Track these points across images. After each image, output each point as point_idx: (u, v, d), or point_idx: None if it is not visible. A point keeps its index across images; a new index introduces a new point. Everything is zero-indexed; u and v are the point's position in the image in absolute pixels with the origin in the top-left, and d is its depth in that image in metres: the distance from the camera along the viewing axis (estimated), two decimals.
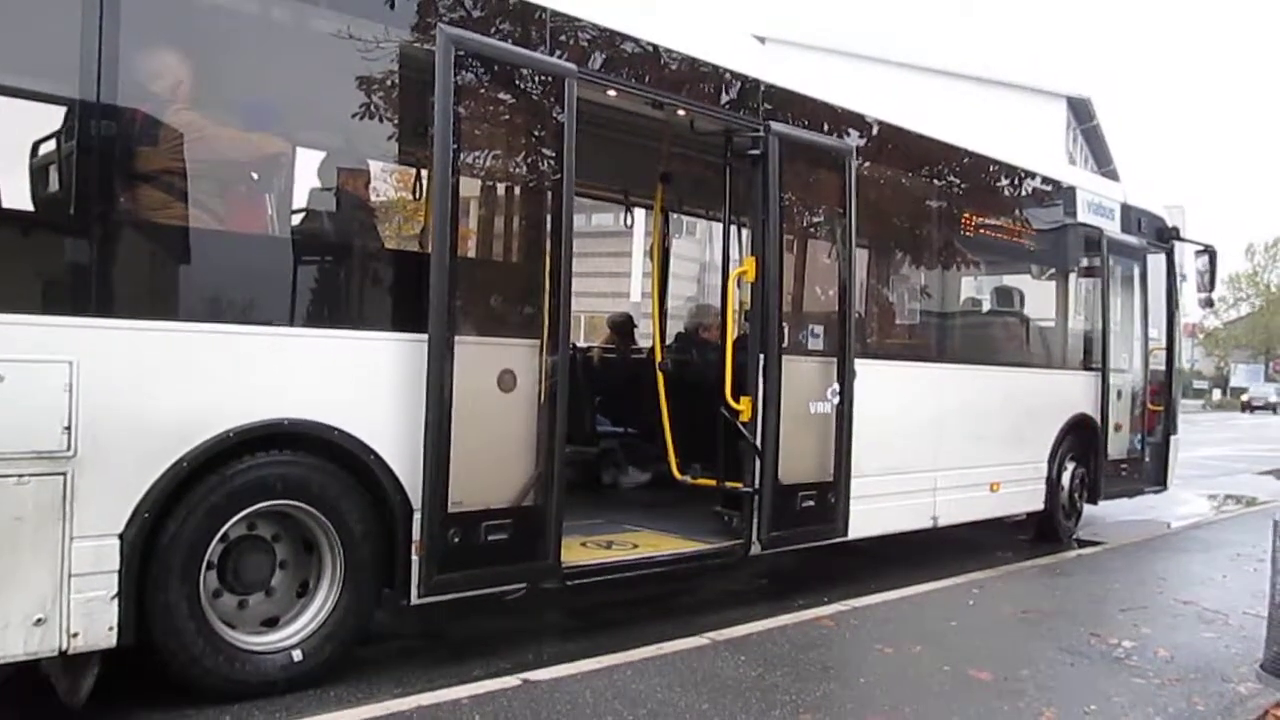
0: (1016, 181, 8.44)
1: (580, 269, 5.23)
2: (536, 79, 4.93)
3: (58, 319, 3.58)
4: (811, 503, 6.15)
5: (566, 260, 4.88)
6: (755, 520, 5.86)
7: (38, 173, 3.93)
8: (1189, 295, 11.03)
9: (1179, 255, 10.38)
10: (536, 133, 5.03)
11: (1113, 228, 9.24)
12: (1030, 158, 8.66)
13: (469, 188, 4.92)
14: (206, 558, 3.97)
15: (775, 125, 5.92)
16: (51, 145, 3.86)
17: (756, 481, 5.83)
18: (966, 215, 7.95)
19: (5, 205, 3.86)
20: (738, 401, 5.87)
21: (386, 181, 5.27)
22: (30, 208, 3.94)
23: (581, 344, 9.04)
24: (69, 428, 3.53)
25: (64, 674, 3.72)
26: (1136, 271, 9.69)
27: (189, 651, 3.90)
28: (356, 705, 3.96)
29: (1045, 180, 8.73)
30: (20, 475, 3.45)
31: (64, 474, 3.53)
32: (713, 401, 6.00)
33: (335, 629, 4.32)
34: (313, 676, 4.25)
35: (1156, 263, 9.98)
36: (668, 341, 7.65)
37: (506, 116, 5.00)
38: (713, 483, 6.19)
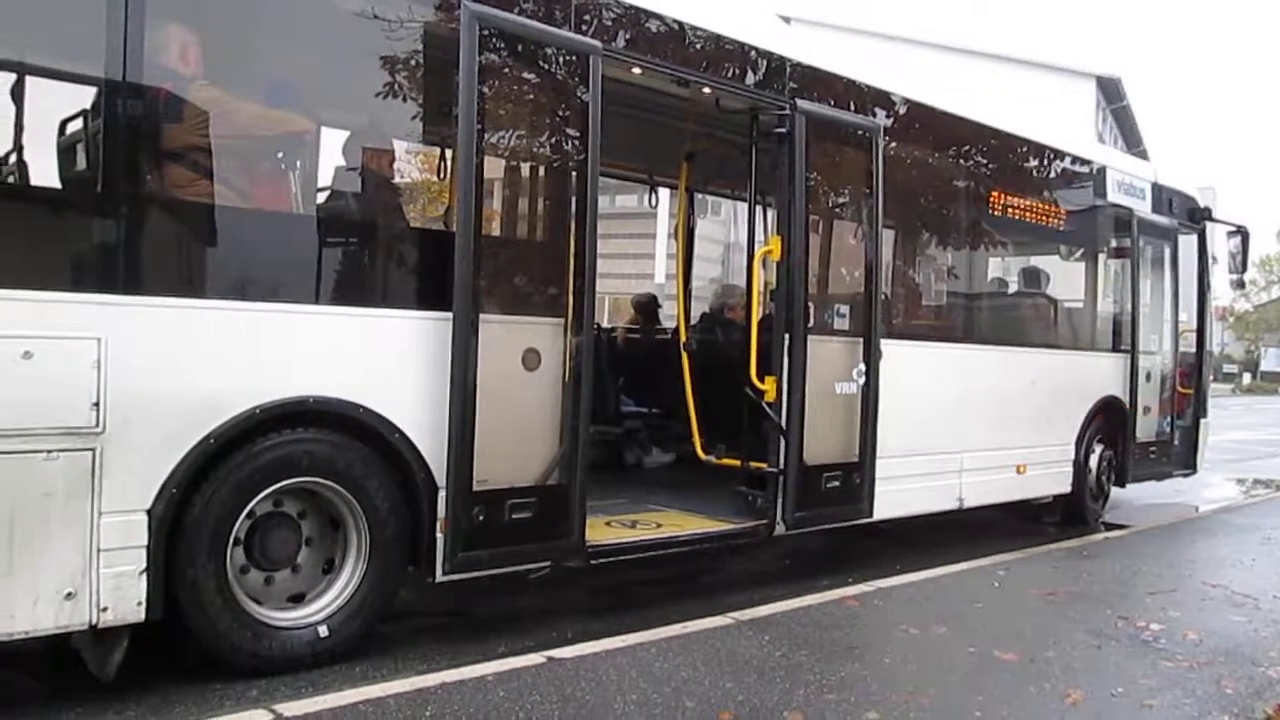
0: (1045, 161, 8.34)
1: (604, 250, 5.22)
2: (561, 57, 4.90)
3: (86, 296, 3.60)
4: (836, 483, 6.13)
5: (591, 239, 4.86)
6: (780, 500, 5.84)
7: (65, 151, 3.95)
8: (1220, 277, 10.88)
9: (1210, 236, 10.25)
10: (561, 111, 5.00)
11: (1143, 208, 9.13)
12: (1059, 137, 8.55)
13: (493, 166, 4.91)
14: (233, 534, 4.00)
15: (802, 103, 5.87)
16: (79, 124, 3.87)
17: (781, 462, 5.81)
18: (994, 195, 7.86)
19: (34, 183, 3.88)
20: (762, 381, 5.85)
21: (411, 160, 5.27)
22: (58, 186, 3.97)
23: (606, 325, 9.05)
24: (97, 404, 3.55)
25: (94, 648, 3.75)
26: (1167, 252, 9.56)
27: (216, 627, 3.93)
28: (382, 681, 3.98)
29: (1075, 160, 8.62)
30: (49, 451, 3.47)
31: (93, 450, 3.55)
32: (737, 381, 5.97)
33: (361, 605, 4.35)
34: (338, 652, 4.28)
35: (1188, 244, 9.86)
36: (692, 321, 7.63)
37: (531, 95, 4.98)
38: (737, 463, 6.17)
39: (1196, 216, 9.95)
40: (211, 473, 3.87)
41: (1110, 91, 38.91)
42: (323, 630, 4.25)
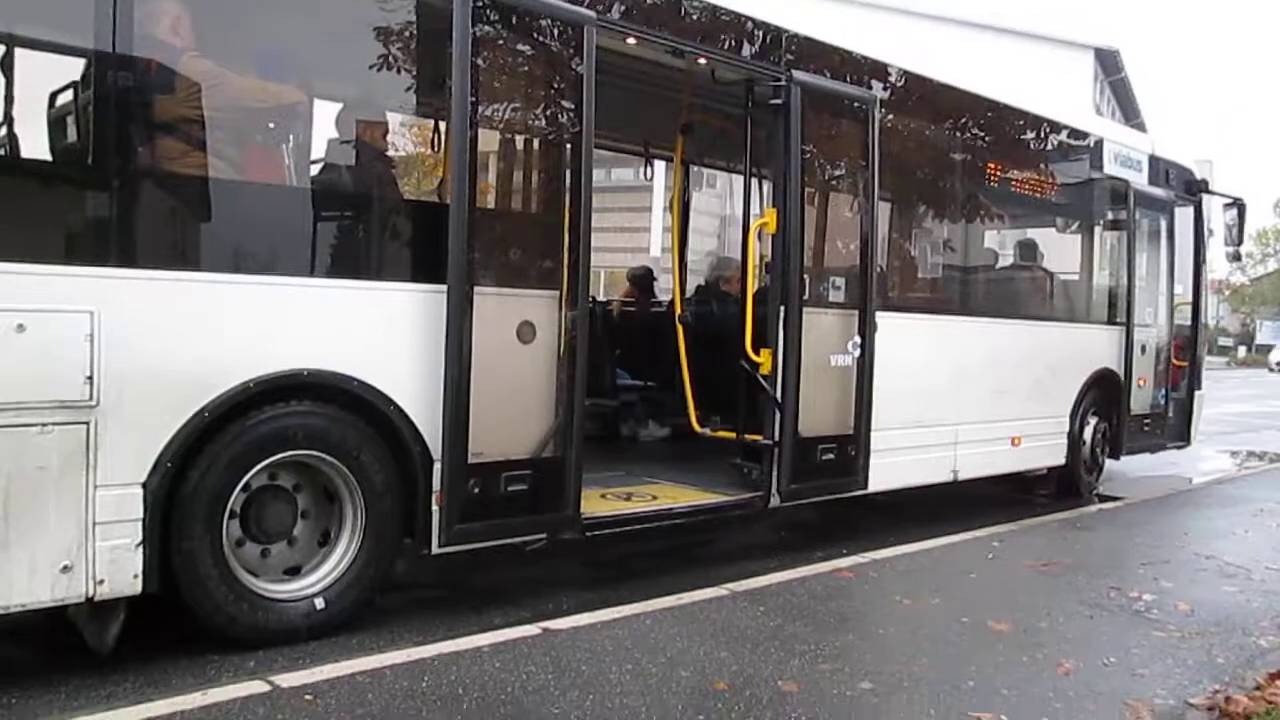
0: (1042, 133, 8.31)
1: (600, 224, 5.19)
2: (555, 28, 4.86)
3: (79, 269, 3.59)
4: (831, 455, 6.14)
5: (586, 211, 4.84)
6: (775, 472, 5.86)
7: (56, 123, 3.92)
8: (1216, 249, 10.86)
9: (1207, 208, 10.22)
10: (556, 83, 4.98)
11: (1140, 180, 9.10)
12: (1056, 109, 8.51)
13: (488, 139, 4.88)
14: (229, 507, 4.01)
15: (798, 74, 5.84)
16: (69, 95, 3.84)
17: (776, 434, 5.82)
18: (991, 167, 7.86)
19: (25, 156, 3.86)
20: (758, 354, 5.85)
21: (404, 132, 5.24)
22: (49, 158, 3.95)
23: (601, 298, 9.03)
24: (91, 377, 3.55)
25: (91, 620, 3.78)
26: (1163, 224, 9.55)
27: (213, 599, 3.95)
28: (378, 652, 4.00)
29: (1071, 132, 8.59)
30: (43, 424, 3.47)
31: (87, 423, 3.55)
32: (733, 354, 5.97)
33: (357, 578, 4.36)
34: (335, 624, 4.30)
35: (1184, 216, 9.83)
36: (688, 294, 7.62)
37: (525, 66, 4.95)
38: (732, 435, 6.18)
39: (1193, 189, 9.92)
40: (206, 446, 3.87)
41: (1108, 63, 38.71)
42: (319, 602, 4.26)
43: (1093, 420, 8.75)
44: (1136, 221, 9.05)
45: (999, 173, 7.94)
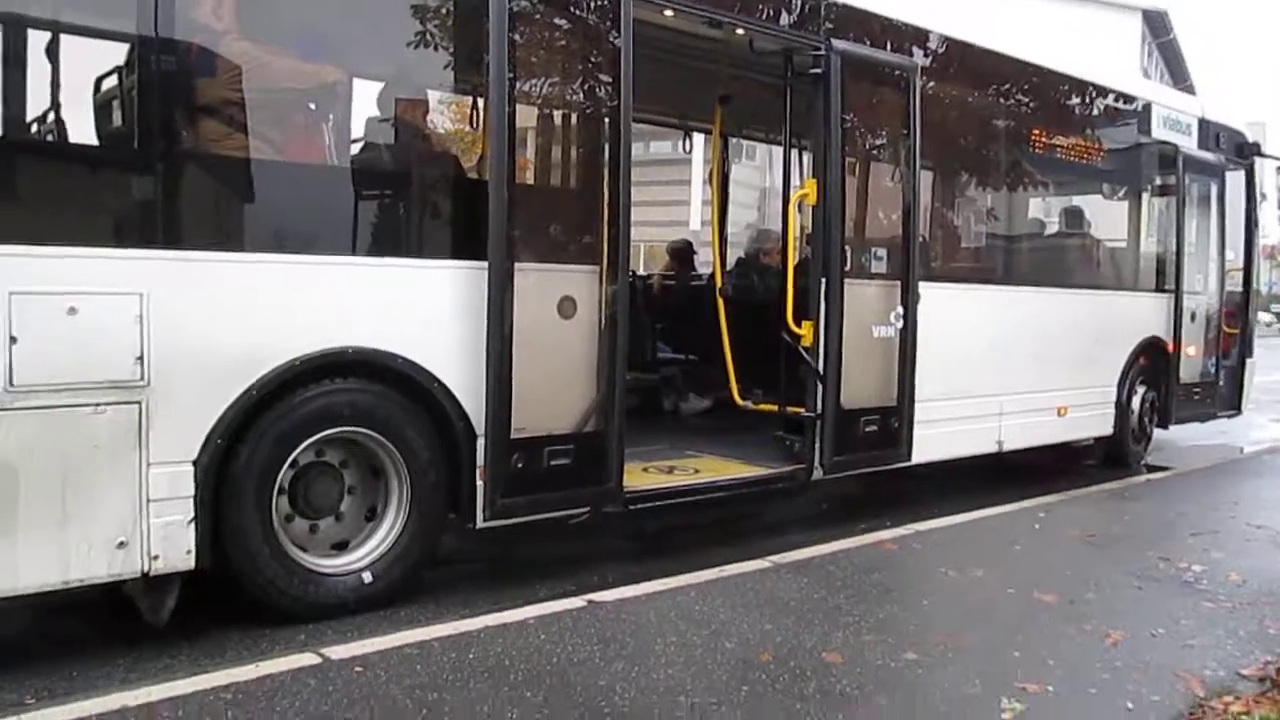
0: (1088, 98, 8.15)
1: (639, 198, 5.17)
2: (592, 1, 4.85)
3: (128, 251, 3.66)
4: (874, 427, 6.11)
5: (625, 185, 4.84)
6: (817, 445, 5.84)
7: (102, 108, 3.98)
8: (1269, 214, 10.60)
9: (1260, 172, 9.99)
10: (593, 56, 4.96)
11: (1189, 144, 8.91)
12: (1103, 73, 8.35)
13: (526, 115, 4.89)
14: (278, 483, 4.07)
15: (837, 43, 5.78)
16: (115, 80, 3.89)
17: (819, 406, 5.80)
18: (1036, 134, 7.72)
19: (73, 141, 3.92)
20: (799, 326, 5.82)
21: (443, 110, 5.26)
22: (96, 143, 4.01)
23: (641, 272, 9.03)
24: (141, 358, 3.61)
25: (146, 595, 3.86)
26: (1214, 189, 9.35)
27: (263, 573, 4.02)
28: (426, 625, 4.05)
29: (1118, 96, 8.42)
30: (96, 404, 3.55)
31: (138, 403, 3.62)
32: (774, 326, 5.96)
33: (403, 552, 4.42)
34: (382, 597, 4.36)
35: (1235, 180, 9.61)
36: (728, 267, 7.59)
37: (562, 40, 4.93)
38: (774, 408, 6.17)
39: (1245, 152, 9.68)
40: (255, 423, 3.94)
41: (1156, 25, 37.90)
42: (366, 576, 4.33)
43: (1141, 389, 8.63)
44: (1186, 187, 8.87)
45: (1044, 139, 7.81)
